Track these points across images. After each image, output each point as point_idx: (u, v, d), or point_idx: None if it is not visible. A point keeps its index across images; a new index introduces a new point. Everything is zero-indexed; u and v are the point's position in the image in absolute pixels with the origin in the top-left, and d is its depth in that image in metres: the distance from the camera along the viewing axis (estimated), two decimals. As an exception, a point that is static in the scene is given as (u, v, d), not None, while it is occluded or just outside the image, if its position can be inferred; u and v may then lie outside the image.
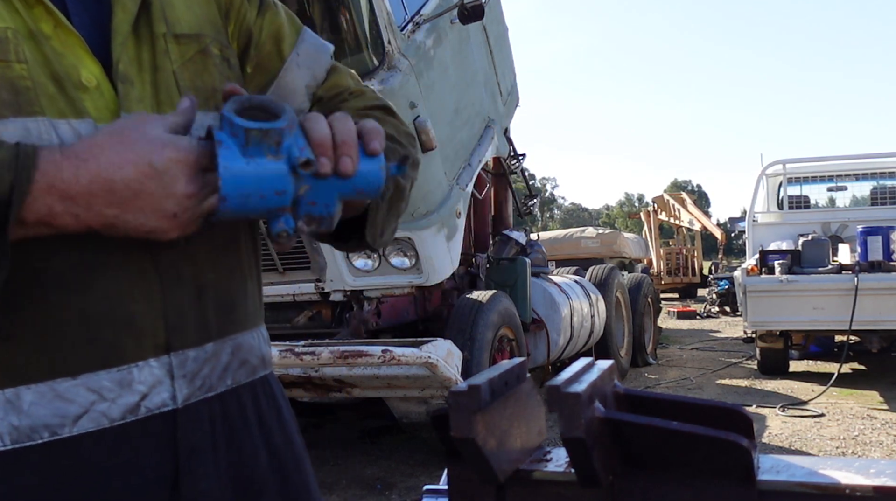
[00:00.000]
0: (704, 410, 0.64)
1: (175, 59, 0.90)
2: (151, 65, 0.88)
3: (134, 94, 0.86)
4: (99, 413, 0.82)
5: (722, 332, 12.85)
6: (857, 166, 9.74)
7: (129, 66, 0.86)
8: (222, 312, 0.93)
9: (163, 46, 0.90)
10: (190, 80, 0.91)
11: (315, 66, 1.06)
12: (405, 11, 4.86)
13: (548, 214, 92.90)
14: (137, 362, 0.84)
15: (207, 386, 0.90)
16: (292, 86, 1.03)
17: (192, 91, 0.90)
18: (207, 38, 0.94)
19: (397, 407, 4.53)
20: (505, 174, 6.98)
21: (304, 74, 1.04)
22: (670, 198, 21.98)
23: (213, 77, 0.93)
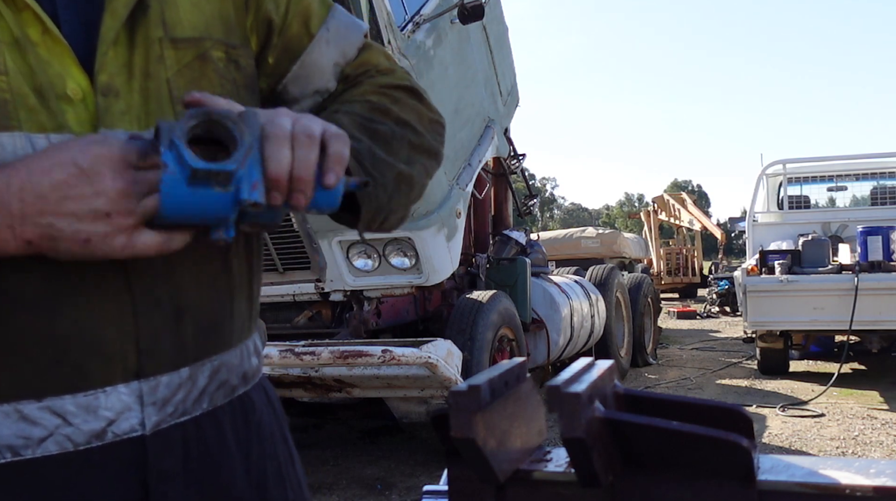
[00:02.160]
0: (704, 410, 0.64)
1: (170, 66, 0.86)
2: (143, 71, 0.84)
3: (118, 107, 0.82)
4: (63, 436, 0.79)
5: (722, 332, 12.85)
6: (857, 166, 9.74)
7: (115, 76, 0.82)
8: (202, 335, 0.89)
9: (157, 52, 0.85)
10: (185, 87, 0.86)
11: (345, 43, 1.02)
12: (405, 11, 4.86)
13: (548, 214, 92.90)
14: (105, 387, 0.80)
15: (181, 411, 0.86)
16: (319, 63, 0.99)
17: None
18: (208, 41, 0.89)
19: (397, 407, 4.53)
20: (505, 174, 6.98)
21: (333, 51, 1.00)
22: (670, 198, 21.98)
23: (213, 83, 0.89)
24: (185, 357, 0.86)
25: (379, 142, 0.93)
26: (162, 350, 0.84)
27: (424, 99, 1.04)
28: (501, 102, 6.55)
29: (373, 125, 0.94)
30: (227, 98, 0.86)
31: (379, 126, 0.94)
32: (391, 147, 0.95)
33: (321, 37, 0.99)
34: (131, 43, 0.83)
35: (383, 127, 0.95)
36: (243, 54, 0.94)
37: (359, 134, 0.91)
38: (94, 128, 0.79)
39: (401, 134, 0.96)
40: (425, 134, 1.01)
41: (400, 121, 0.98)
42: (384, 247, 4.92)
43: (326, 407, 5.87)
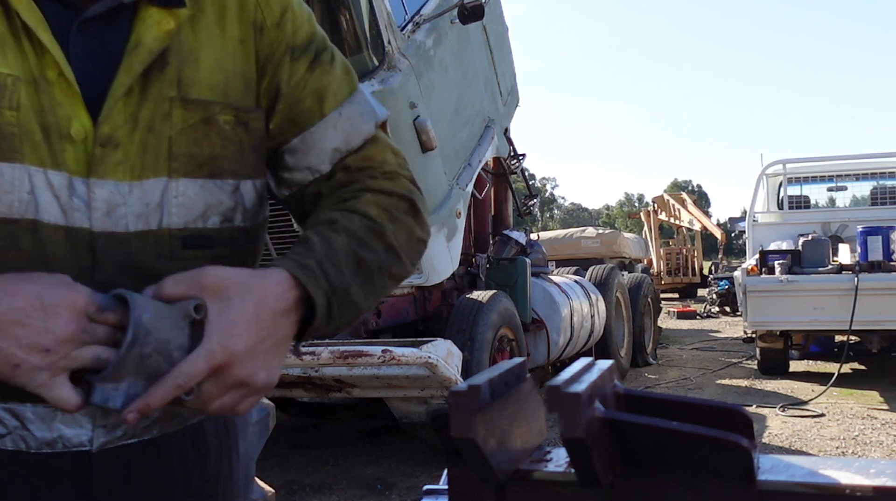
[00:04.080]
0: (704, 410, 0.64)
1: (176, 124, 0.89)
2: (148, 125, 0.87)
3: (114, 158, 0.85)
4: (19, 437, 0.87)
5: (722, 332, 12.85)
6: (857, 166, 9.74)
7: (118, 128, 0.85)
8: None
9: (166, 109, 0.88)
10: (186, 146, 0.89)
11: (352, 131, 1.00)
12: (405, 11, 4.86)
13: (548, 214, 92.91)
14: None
15: (130, 435, 0.91)
16: (320, 144, 0.99)
17: (186, 158, 0.89)
18: (218, 106, 0.92)
19: (397, 407, 4.53)
20: (505, 174, 6.98)
21: (337, 136, 0.99)
22: (670, 198, 21.98)
23: (214, 145, 0.91)
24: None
25: (361, 275, 0.92)
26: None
27: (420, 214, 1.02)
28: (501, 102, 6.55)
29: (362, 252, 0.92)
30: (229, 160, 0.93)
31: (367, 254, 0.93)
32: (371, 280, 0.94)
33: (330, 119, 0.99)
34: (142, 97, 0.87)
35: (371, 255, 0.93)
36: (255, 117, 0.95)
37: (346, 266, 0.90)
38: (88, 171, 0.84)
39: (386, 263, 0.95)
40: (407, 262, 0.99)
41: (389, 248, 0.96)
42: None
43: (326, 407, 5.87)
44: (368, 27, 4.52)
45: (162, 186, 0.88)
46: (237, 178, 0.95)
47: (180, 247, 0.91)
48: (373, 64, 4.53)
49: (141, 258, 0.88)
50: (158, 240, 0.89)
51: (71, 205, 0.84)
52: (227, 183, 0.94)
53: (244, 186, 0.96)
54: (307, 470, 4.86)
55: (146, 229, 0.88)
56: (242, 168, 0.95)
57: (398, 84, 4.53)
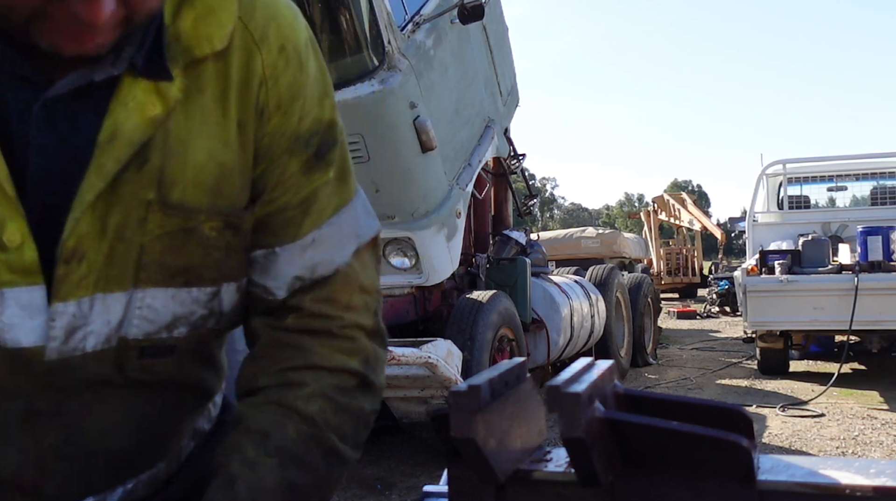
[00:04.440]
0: (704, 410, 0.64)
1: (150, 230, 0.76)
2: (117, 233, 0.75)
3: (78, 273, 0.74)
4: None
5: (722, 332, 12.84)
6: (857, 166, 9.74)
7: (84, 240, 0.73)
8: (117, 468, 0.87)
9: (140, 214, 0.75)
10: (159, 254, 0.77)
11: (323, 260, 0.86)
12: (405, 11, 4.86)
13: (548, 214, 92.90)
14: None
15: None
16: (282, 268, 0.85)
17: (157, 267, 0.78)
18: (203, 214, 0.78)
19: (397, 407, 4.53)
20: (505, 174, 6.98)
21: (302, 263, 0.85)
22: (670, 198, 21.97)
23: (192, 255, 0.79)
24: (92, 489, 0.86)
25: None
26: (67, 490, 0.83)
27: (373, 385, 0.89)
28: (501, 102, 6.55)
29: (297, 477, 0.82)
30: (210, 268, 0.81)
31: (303, 477, 0.82)
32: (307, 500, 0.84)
33: (302, 243, 0.85)
34: (112, 199, 0.74)
35: (307, 477, 0.82)
36: (248, 218, 0.83)
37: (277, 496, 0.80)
38: (31, 276, 0.72)
39: (326, 474, 0.84)
40: (353, 451, 0.87)
41: (330, 453, 0.84)
42: (384, 247, 4.92)
43: (326, 407, 5.85)
44: (368, 27, 4.52)
45: (126, 299, 0.77)
46: (217, 284, 0.83)
47: (136, 358, 0.81)
48: (373, 64, 4.52)
49: (93, 373, 0.80)
50: (114, 354, 0.80)
51: (2, 321, 0.73)
52: (205, 291, 0.82)
53: (226, 290, 0.84)
54: (307, 470, 4.85)
55: (105, 348, 0.79)
56: (225, 272, 0.83)
57: (398, 84, 4.53)
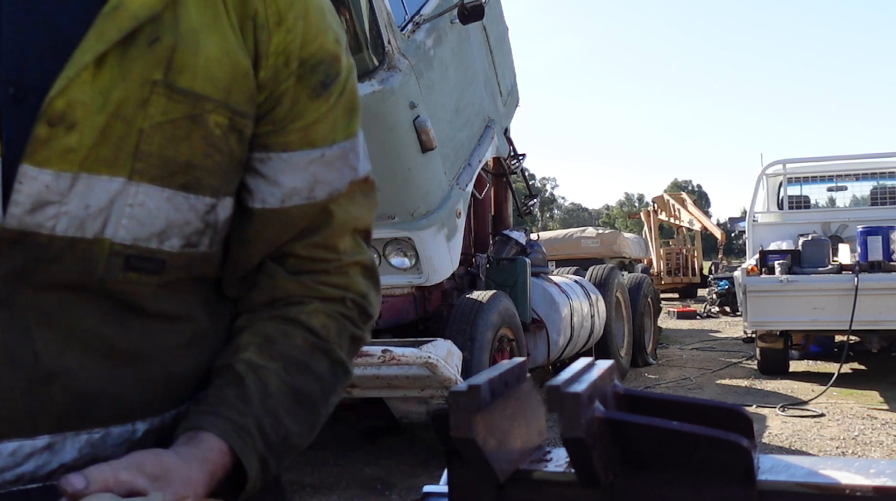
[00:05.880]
0: (704, 410, 0.64)
1: (152, 115, 0.71)
2: (116, 110, 0.69)
3: (63, 143, 0.67)
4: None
5: (722, 332, 12.85)
6: (857, 166, 9.74)
7: (77, 105, 0.67)
8: (82, 405, 0.74)
9: (143, 95, 0.70)
10: (159, 145, 0.72)
11: (322, 180, 0.83)
12: (405, 11, 4.86)
13: (548, 214, 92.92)
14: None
15: (28, 480, 0.73)
16: (279, 176, 0.82)
17: (156, 160, 0.72)
18: (211, 104, 0.74)
19: (397, 407, 4.53)
20: (505, 174, 6.99)
21: (303, 177, 0.82)
22: (670, 198, 21.99)
23: (194, 151, 0.74)
24: (45, 424, 0.73)
25: (303, 411, 0.82)
26: (12, 414, 0.71)
27: (369, 318, 0.90)
28: (501, 102, 6.55)
29: (304, 383, 0.81)
30: (211, 172, 0.76)
31: (311, 384, 0.82)
32: (315, 410, 0.83)
33: (306, 155, 0.83)
34: (119, 73, 0.70)
35: (315, 384, 0.82)
36: (250, 126, 0.79)
37: (285, 411, 0.79)
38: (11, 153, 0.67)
39: (331, 384, 0.84)
40: (351, 369, 0.88)
41: (336, 364, 0.85)
42: (384, 246, 4.93)
43: (326, 406, 5.85)
44: (368, 27, 4.52)
45: (115, 188, 0.71)
46: (216, 196, 0.78)
47: (120, 267, 0.74)
48: (373, 64, 4.52)
49: (56, 271, 0.71)
50: (91, 252, 0.72)
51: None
52: (203, 200, 0.77)
53: (222, 205, 0.79)
54: (307, 470, 4.86)
55: (78, 236, 0.71)
56: (224, 184, 0.78)
57: (398, 84, 4.53)
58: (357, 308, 0.88)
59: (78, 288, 0.73)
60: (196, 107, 0.73)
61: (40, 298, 0.71)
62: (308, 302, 0.84)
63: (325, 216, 0.85)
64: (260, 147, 0.81)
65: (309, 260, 0.85)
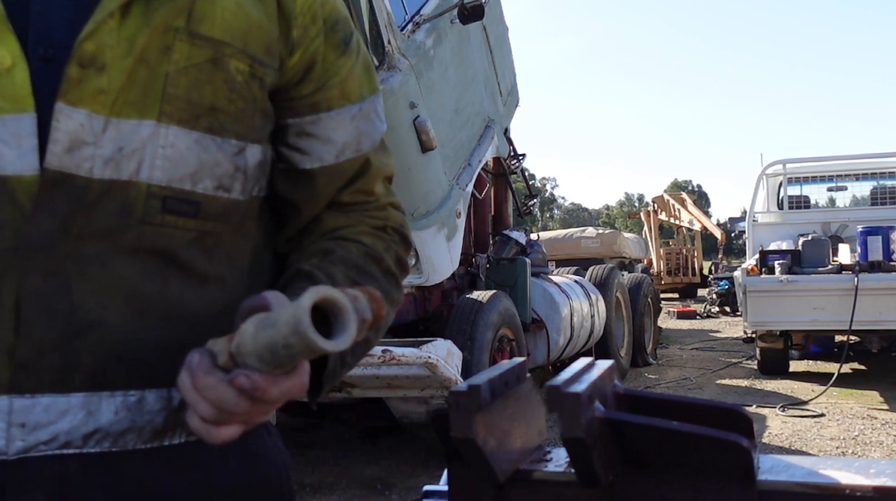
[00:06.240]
0: (704, 410, 0.64)
1: (176, 60, 0.74)
2: (141, 55, 0.73)
3: (94, 84, 0.71)
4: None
5: (722, 332, 12.85)
6: (857, 166, 9.74)
7: (105, 49, 0.71)
8: (116, 363, 0.75)
9: (167, 42, 0.74)
10: (185, 89, 0.75)
11: (364, 133, 0.91)
12: (405, 11, 4.86)
13: (548, 214, 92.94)
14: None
15: (63, 442, 0.73)
16: (331, 134, 0.88)
17: (183, 102, 0.75)
18: (231, 48, 0.78)
19: (397, 407, 4.53)
20: (505, 174, 6.99)
21: (351, 131, 0.89)
22: (670, 198, 21.99)
23: (218, 94, 0.77)
24: (80, 380, 0.73)
25: None
26: (46, 367, 0.72)
27: (410, 246, 0.97)
28: (501, 102, 6.55)
29: (363, 281, 0.86)
30: (235, 117, 0.79)
31: (369, 283, 0.86)
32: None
33: (350, 110, 0.89)
34: (142, 20, 0.73)
35: (373, 284, 0.87)
36: (270, 74, 0.82)
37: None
38: (19, 104, 0.70)
39: (386, 290, 0.88)
40: (401, 287, 0.94)
41: (388, 273, 0.91)
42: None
43: (326, 406, 5.87)
44: (368, 27, 4.52)
45: (147, 131, 0.73)
46: (242, 140, 0.81)
47: (158, 209, 0.76)
48: (373, 64, 4.52)
49: (96, 216, 0.73)
50: (128, 194, 0.74)
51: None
52: (229, 142, 0.79)
53: (251, 150, 0.82)
54: (307, 470, 4.86)
55: (115, 178, 0.73)
56: (249, 130, 0.81)
57: (398, 84, 4.53)
58: (398, 234, 0.95)
59: (118, 235, 0.74)
60: (217, 51, 0.77)
61: (81, 247, 0.72)
62: (355, 226, 0.92)
63: (366, 165, 0.92)
64: (308, 109, 0.87)
65: (352, 204, 0.93)
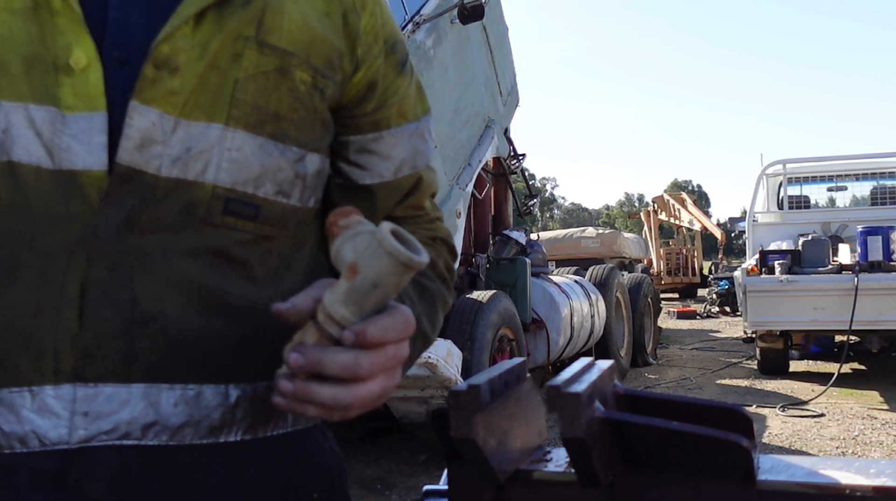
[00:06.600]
0: (704, 410, 0.64)
1: (245, 67, 0.77)
2: (213, 61, 0.76)
3: (168, 85, 0.73)
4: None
5: (722, 332, 12.85)
6: (857, 166, 9.74)
7: (180, 52, 0.74)
8: (175, 355, 0.76)
9: (237, 49, 0.77)
10: (253, 95, 0.78)
11: (419, 151, 0.94)
12: (405, 11, 4.86)
13: (548, 214, 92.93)
14: (32, 386, 0.71)
15: (123, 433, 0.73)
16: (391, 151, 0.91)
17: (250, 108, 0.78)
18: (296, 59, 0.81)
19: (397, 407, 4.53)
20: (505, 174, 6.99)
21: (408, 148, 0.93)
22: (670, 198, 21.99)
23: (283, 102, 0.80)
24: (140, 371, 0.74)
25: (425, 303, 0.90)
26: (108, 356, 0.73)
27: (455, 253, 1.02)
28: (501, 102, 6.55)
29: (422, 280, 0.90)
30: (296, 126, 0.81)
31: (427, 282, 0.91)
32: (434, 308, 0.92)
33: (408, 128, 0.93)
34: (216, 27, 0.76)
35: (431, 284, 0.92)
36: (331, 86, 0.84)
37: (415, 295, 0.88)
38: (94, 101, 0.72)
39: (439, 291, 0.93)
40: (451, 289, 0.98)
41: (441, 278, 0.95)
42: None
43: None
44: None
45: (215, 134, 0.76)
46: (303, 148, 0.83)
47: (220, 211, 0.77)
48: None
49: (161, 212, 0.75)
50: (193, 193, 0.76)
51: (57, 143, 0.71)
52: (291, 149, 0.81)
53: (310, 159, 0.84)
54: (307, 470, 4.86)
55: (181, 177, 0.75)
56: (310, 139, 0.83)
57: (398, 84, 4.53)
58: (445, 245, 1.00)
59: (180, 232, 0.76)
60: (283, 61, 0.80)
61: (144, 242, 0.74)
62: (408, 225, 0.96)
63: (419, 182, 0.97)
64: (370, 127, 0.90)
65: (404, 218, 0.97)
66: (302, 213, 0.86)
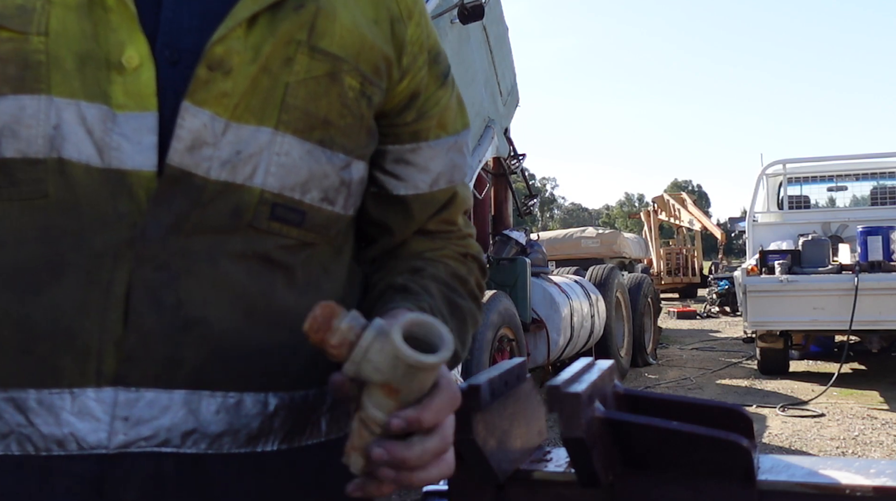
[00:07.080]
0: (704, 410, 0.64)
1: (296, 72, 0.77)
2: (265, 64, 0.75)
3: (220, 87, 0.73)
4: (24, 436, 0.69)
5: (722, 332, 12.84)
6: (857, 166, 9.74)
7: (233, 54, 0.73)
8: (217, 361, 0.75)
9: (289, 53, 0.77)
10: (303, 100, 0.77)
11: (457, 165, 0.95)
12: (405, 11, 4.85)
13: (548, 214, 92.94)
14: (73, 388, 0.70)
15: (162, 440, 0.72)
16: (429, 163, 0.91)
17: (300, 113, 0.77)
18: (347, 64, 0.80)
19: (397, 407, 4.53)
20: (505, 174, 6.99)
21: (446, 161, 0.93)
22: (670, 198, 21.98)
23: (332, 108, 0.79)
24: (182, 377, 0.73)
25: (456, 320, 0.88)
26: (151, 360, 0.72)
27: (486, 270, 1.02)
28: (501, 102, 6.55)
29: (454, 298, 0.90)
30: (343, 132, 0.81)
31: (459, 300, 0.91)
32: (465, 326, 0.90)
33: (447, 141, 0.93)
34: (268, 30, 0.76)
35: (463, 302, 0.91)
36: (378, 94, 0.84)
37: (446, 311, 0.87)
38: (145, 100, 0.72)
39: (470, 309, 0.92)
40: (482, 307, 0.99)
41: (472, 295, 0.95)
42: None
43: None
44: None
45: (265, 138, 0.75)
46: (349, 155, 0.82)
47: (266, 215, 0.76)
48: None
49: (210, 213, 0.74)
50: (241, 197, 0.75)
51: (108, 142, 0.71)
52: (338, 156, 0.81)
53: (355, 166, 0.84)
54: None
55: (230, 180, 0.74)
56: (356, 146, 0.83)
57: (398, 84, 4.53)
58: (476, 262, 0.99)
59: (226, 236, 0.75)
60: (334, 66, 0.80)
61: (190, 244, 0.73)
62: (441, 249, 0.95)
63: (454, 197, 0.96)
64: (410, 137, 0.90)
65: (437, 232, 0.96)
66: (344, 221, 0.85)
